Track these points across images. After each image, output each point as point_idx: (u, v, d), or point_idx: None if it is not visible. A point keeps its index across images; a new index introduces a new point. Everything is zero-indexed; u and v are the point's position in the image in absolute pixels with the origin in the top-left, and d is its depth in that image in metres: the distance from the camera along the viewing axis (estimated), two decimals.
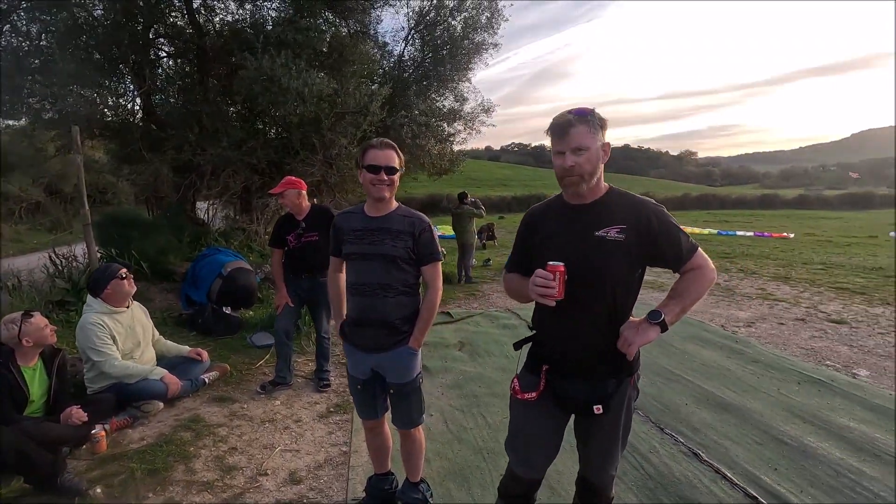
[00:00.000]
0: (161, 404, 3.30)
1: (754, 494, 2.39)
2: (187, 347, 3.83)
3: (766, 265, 10.47)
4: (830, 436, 2.98)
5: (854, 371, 4.13)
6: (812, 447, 2.84)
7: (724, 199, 56.02)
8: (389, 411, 2.24)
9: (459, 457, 2.79)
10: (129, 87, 7.81)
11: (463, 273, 8.50)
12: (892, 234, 22.06)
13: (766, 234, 20.28)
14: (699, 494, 2.41)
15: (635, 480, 2.54)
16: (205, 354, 3.82)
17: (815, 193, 62.11)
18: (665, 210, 1.57)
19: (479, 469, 2.66)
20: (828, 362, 4.36)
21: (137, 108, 8.08)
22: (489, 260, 10.77)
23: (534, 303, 1.63)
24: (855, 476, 2.55)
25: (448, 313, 6.09)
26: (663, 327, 1.47)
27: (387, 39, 9.62)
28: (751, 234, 20.33)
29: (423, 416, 2.24)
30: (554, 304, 1.46)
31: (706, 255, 1.58)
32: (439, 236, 2.18)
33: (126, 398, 3.19)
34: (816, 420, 3.19)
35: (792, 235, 19.94)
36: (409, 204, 2.18)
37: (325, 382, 3.77)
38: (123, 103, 7.86)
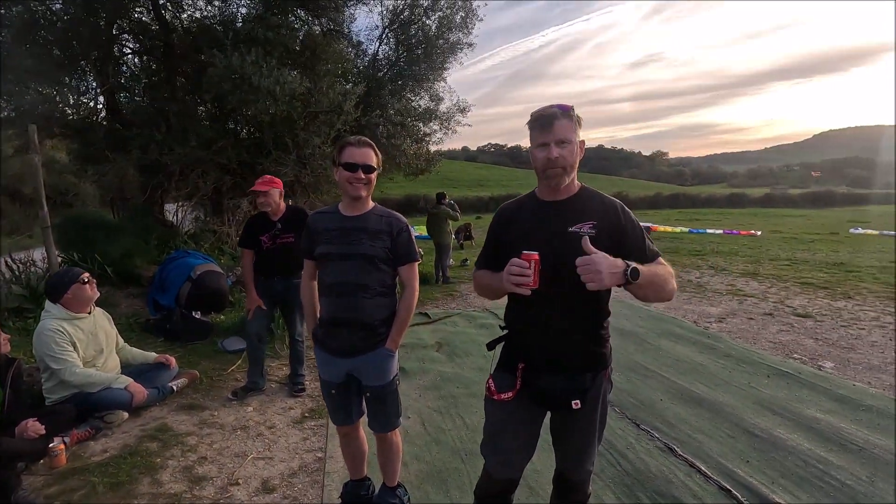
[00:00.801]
0: (126, 414, 3.16)
1: (728, 487, 2.43)
2: (154, 354, 3.69)
3: (735, 262, 10.77)
4: (799, 427, 3.06)
5: (819, 363, 4.26)
6: (782, 439, 2.91)
7: (694, 198, 57.54)
8: (365, 415, 2.19)
9: (437, 459, 2.76)
10: (91, 84, 7.52)
11: (440, 273, 8.48)
12: (851, 230, 23.03)
13: (734, 231, 20.88)
14: (674, 489, 2.43)
15: (613, 477, 2.55)
16: (173, 361, 3.69)
17: (780, 192, 64.36)
18: (631, 212, 1.58)
19: (458, 471, 2.63)
20: (795, 355, 4.49)
21: (100, 106, 7.79)
22: (466, 260, 10.77)
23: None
24: (823, 466, 2.62)
25: (426, 314, 6.05)
26: (633, 274, 1.36)
27: (361, 38, 9.54)
28: (720, 231, 20.90)
29: (401, 418, 2.20)
30: (529, 292, 1.43)
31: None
32: (416, 237, 2.14)
33: (88, 408, 3.04)
34: (785, 412, 3.27)
35: (759, 233, 20.61)
36: (385, 205, 2.14)
37: (299, 387, 3.68)
38: (86, 101, 7.56)
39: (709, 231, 21.10)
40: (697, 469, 2.60)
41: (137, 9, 7.49)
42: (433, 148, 10.41)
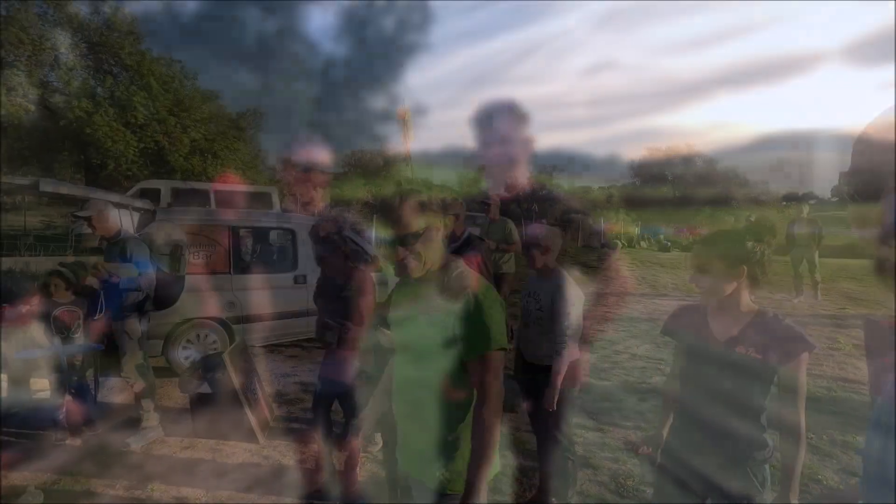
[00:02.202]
0: (61, 434, 2.91)
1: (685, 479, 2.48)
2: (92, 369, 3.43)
3: (687, 259, 11.22)
4: None
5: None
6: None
7: (648, 200, 59.55)
8: (322, 423, 2.11)
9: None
10: (21, 80, 7.00)
11: None
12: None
13: (685, 230, 21.73)
14: (636, 484, 2.47)
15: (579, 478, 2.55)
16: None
17: (727, 193, 67.60)
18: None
19: None
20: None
21: (31, 105, 7.26)
22: None
23: None
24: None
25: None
26: None
27: (317, 37, 9.37)
28: (672, 231, 21.71)
29: (360, 425, 2.13)
30: None
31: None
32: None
33: (17, 431, 2.79)
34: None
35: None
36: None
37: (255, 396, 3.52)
38: (13, 98, 7.02)
39: (662, 230, 21.89)
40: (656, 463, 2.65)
41: (75, 1, 7.05)
42: (392, 150, 10.35)
